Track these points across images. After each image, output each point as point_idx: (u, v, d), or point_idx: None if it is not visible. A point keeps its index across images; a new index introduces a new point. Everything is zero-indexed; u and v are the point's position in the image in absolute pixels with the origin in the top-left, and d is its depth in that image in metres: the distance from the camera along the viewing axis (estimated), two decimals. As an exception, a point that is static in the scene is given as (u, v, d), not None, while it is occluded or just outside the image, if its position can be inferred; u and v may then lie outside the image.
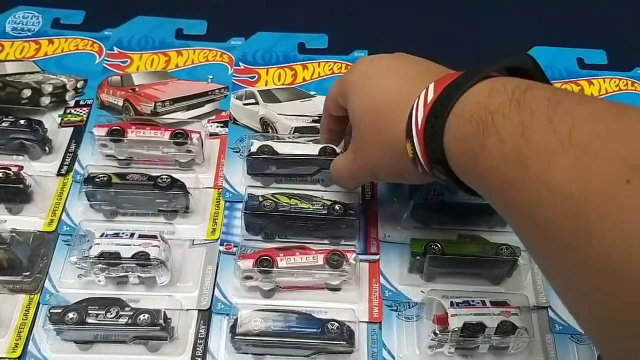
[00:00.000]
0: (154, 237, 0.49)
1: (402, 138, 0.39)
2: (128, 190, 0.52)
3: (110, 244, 0.49)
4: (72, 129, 0.58)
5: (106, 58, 0.63)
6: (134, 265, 0.48)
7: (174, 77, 0.62)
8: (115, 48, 0.64)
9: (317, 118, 0.57)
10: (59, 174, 0.55)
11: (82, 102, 0.60)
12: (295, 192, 0.53)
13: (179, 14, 0.67)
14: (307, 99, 0.59)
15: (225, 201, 0.54)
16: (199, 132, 0.55)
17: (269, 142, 0.54)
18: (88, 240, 0.50)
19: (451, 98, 0.35)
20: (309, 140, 0.56)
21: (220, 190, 0.55)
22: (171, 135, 0.55)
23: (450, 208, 0.52)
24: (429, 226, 0.53)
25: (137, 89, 0.60)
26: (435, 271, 0.50)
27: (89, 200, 0.52)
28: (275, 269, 0.48)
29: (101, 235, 0.49)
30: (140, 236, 0.49)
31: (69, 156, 0.57)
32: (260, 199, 0.51)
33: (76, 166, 0.56)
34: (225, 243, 0.52)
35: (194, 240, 0.52)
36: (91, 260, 0.47)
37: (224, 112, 0.60)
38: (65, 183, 0.55)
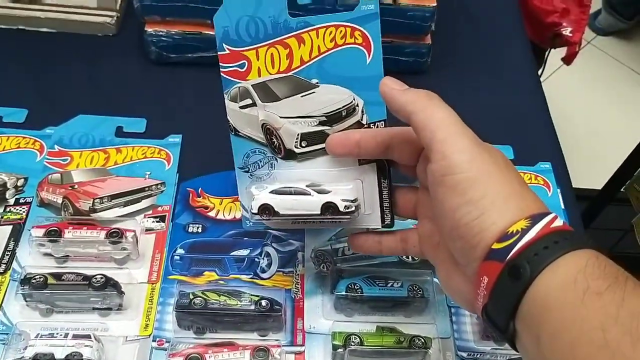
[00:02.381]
0: (87, 336, 0.52)
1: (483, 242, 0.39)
2: (64, 290, 0.54)
3: (45, 345, 0.51)
4: (11, 227, 0.61)
5: (47, 156, 0.66)
6: (67, 366, 0.50)
7: (112, 174, 0.65)
8: (56, 146, 0.67)
9: (324, 119, 0.50)
10: (-4, 272, 0.57)
11: (22, 200, 0.63)
12: (224, 288, 0.56)
13: (120, 112, 0.70)
14: (309, 92, 0.50)
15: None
16: (133, 230, 0.58)
17: (269, 198, 0.51)
18: (23, 339, 0.52)
19: (560, 248, 0.35)
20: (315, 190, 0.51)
21: (154, 284, 0.58)
22: (107, 234, 0.58)
23: (369, 300, 0.56)
24: (351, 317, 0.57)
25: (76, 186, 0.63)
26: (356, 362, 0.54)
27: (25, 301, 0.54)
28: (203, 367, 0.50)
29: (36, 336, 0.51)
30: (74, 336, 0.52)
31: (7, 254, 0.59)
32: (191, 296, 0.55)
33: (14, 264, 0.58)
34: (157, 339, 0.54)
35: (127, 336, 0.54)
36: (25, 362, 0.49)
37: (160, 207, 0.64)
38: (3, 282, 0.57)
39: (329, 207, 0.50)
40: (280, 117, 0.50)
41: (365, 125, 0.50)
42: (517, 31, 0.88)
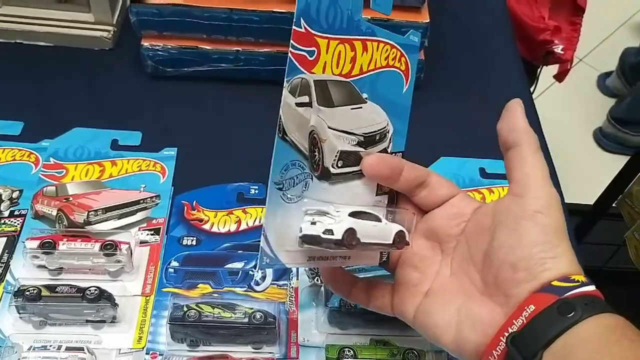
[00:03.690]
0: (80, 349, 0.52)
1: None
2: (57, 302, 0.54)
3: (38, 357, 0.51)
4: (5, 239, 0.61)
5: (42, 169, 0.66)
6: (59, 378, 0.50)
7: (107, 187, 0.66)
8: (51, 159, 0.67)
9: (362, 139, 0.48)
10: (-11, 284, 0.57)
11: (16, 212, 0.63)
12: (218, 301, 0.56)
13: (115, 125, 0.71)
14: (358, 106, 0.48)
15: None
16: (128, 243, 0.59)
17: (352, 222, 0.45)
18: (16, 352, 0.52)
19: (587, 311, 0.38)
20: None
21: (148, 297, 0.58)
22: (101, 246, 0.58)
23: (362, 314, 0.56)
24: (345, 330, 0.57)
25: (71, 199, 0.63)
26: (349, 375, 0.54)
27: (18, 313, 0.54)
28: (196, 379, 0.50)
29: (29, 349, 0.51)
30: (67, 349, 0.51)
31: (1, 266, 0.59)
32: (185, 308, 0.55)
33: (8, 277, 0.58)
34: (151, 352, 0.54)
35: (120, 349, 0.54)
36: (17, 375, 0.49)
37: (154, 220, 0.64)
38: (-4, 294, 0.57)
39: (400, 236, 0.47)
40: (328, 127, 0.47)
41: (390, 154, 0.48)
42: (509, 48, 0.89)
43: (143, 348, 0.55)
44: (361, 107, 0.48)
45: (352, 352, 0.53)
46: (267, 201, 0.44)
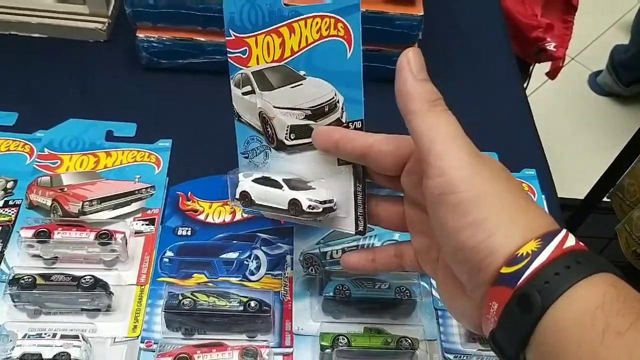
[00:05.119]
0: (76, 337, 0.52)
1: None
2: (52, 291, 0.54)
3: (33, 345, 0.51)
4: (-1, 228, 0.61)
5: (37, 159, 0.66)
6: (54, 366, 0.50)
7: (102, 178, 0.66)
8: (46, 149, 0.67)
9: (309, 112, 0.50)
10: (-16, 274, 0.57)
11: (10, 202, 0.63)
12: (213, 290, 0.57)
13: (109, 116, 0.71)
14: (297, 83, 0.51)
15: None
16: (123, 232, 0.59)
17: (249, 186, 0.53)
18: (11, 340, 0.52)
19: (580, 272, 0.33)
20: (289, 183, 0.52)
21: (143, 287, 0.58)
22: (96, 235, 0.58)
23: (357, 302, 0.57)
24: (339, 319, 0.58)
25: (65, 189, 0.64)
26: (344, 363, 0.54)
27: (13, 302, 0.54)
28: (192, 367, 0.51)
29: (24, 337, 0.51)
30: (62, 337, 0.52)
31: (-5, 256, 0.59)
32: (180, 297, 0.55)
33: (2, 266, 0.58)
34: (145, 340, 0.54)
35: (115, 337, 0.55)
36: (12, 362, 0.49)
37: (149, 211, 0.64)
38: (-10, 283, 0.57)
39: (294, 205, 0.50)
40: (274, 107, 0.52)
41: (344, 124, 0.49)
42: (502, 41, 0.89)
43: (138, 337, 0.55)
44: (301, 84, 0.50)
45: (346, 340, 0.54)
46: (239, 166, 0.55)
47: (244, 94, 0.53)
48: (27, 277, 0.54)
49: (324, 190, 0.51)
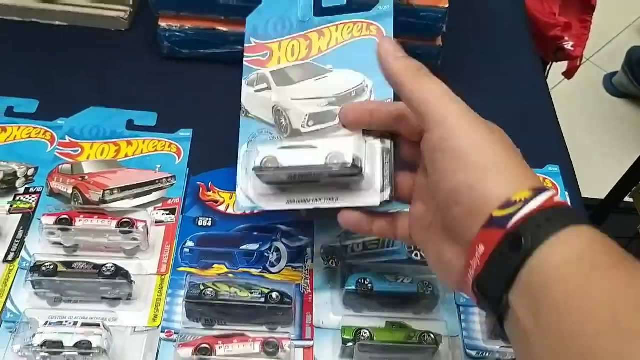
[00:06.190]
0: (97, 325, 0.51)
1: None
2: (73, 278, 0.54)
3: (54, 332, 0.50)
4: (20, 215, 0.60)
5: (58, 147, 0.66)
6: (75, 353, 0.49)
7: (123, 166, 0.65)
8: (67, 137, 0.67)
9: (333, 99, 0.51)
10: (5, 260, 0.57)
11: (32, 190, 0.62)
12: (235, 281, 0.56)
13: (130, 106, 0.70)
14: (322, 76, 0.52)
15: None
16: (144, 221, 0.58)
17: (272, 153, 0.48)
18: (31, 328, 0.52)
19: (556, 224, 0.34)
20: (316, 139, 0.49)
21: (164, 276, 0.58)
22: (118, 224, 0.57)
23: (379, 296, 0.56)
24: (360, 313, 0.57)
25: (86, 177, 0.63)
26: (365, 357, 0.53)
27: (34, 289, 0.54)
28: (213, 357, 0.50)
29: (45, 324, 0.51)
30: (83, 324, 0.51)
31: (17, 243, 0.58)
32: (202, 287, 0.54)
33: (23, 253, 0.58)
34: (166, 330, 0.54)
35: (135, 327, 0.54)
36: (34, 348, 0.49)
37: (170, 200, 0.64)
38: (12, 270, 0.56)
39: (335, 157, 0.46)
40: (292, 99, 0.51)
41: None
42: (524, 35, 0.89)
43: (158, 326, 0.54)
44: (326, 76, 0.52)
45: (368, 333, 0.53)
46: (238, 163, 0.52)
47: (257, 90, 0.53)
48: (48, 264, 0.54)
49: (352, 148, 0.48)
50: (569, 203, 0.67)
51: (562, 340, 0.31)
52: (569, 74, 1.49)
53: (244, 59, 0.53)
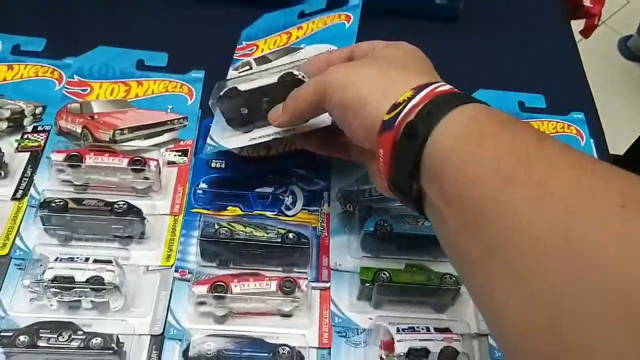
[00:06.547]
0: (109, 262, 0.50)
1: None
2: (84, 215, 0.52)
3: (65, 268, 0.49)
4: (28, 154, 0.59)
5: (66, 86, 0.64)
6: (87, 289, 0.48)
7: (133, 107, 0.63)
8: (75, 76, 0.65)
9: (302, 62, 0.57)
10: (13, 198, 0.56)
11: (40, 128, 0.61)
12: (251, 220, 0.54)
13: (140, 45, 0.68)
14: (295, 52, 0.60)
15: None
16: (157, 160, 0.57)
17: (233, 84, 0.53)
18: (41, 264, 0.50)
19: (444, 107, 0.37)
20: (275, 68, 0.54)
21: (177, 217, 0.56)
22: (129, 162, 0.56)
23: (398, 238, 0.54)
24: (378, 255, 0.55)
25: (96, 117, 0.61)
26: (383, 299, 0.52)
27: (44, 225, 0.52)
28: (229, 295, 0.49)
29: (55, 259, 0.50)
30: (95, 261, 0.50)
31: (25, 181, 0.57)
32: (216, 226, 0.53)
33: (32, 191, 0.56)
34: (179, 269, 0.53)
35: (148, 266, 0.53)
36: (45, 283, 0.48)
37: (182, 142, 0.62)
38: (20, 207, 0.55)
39: (286, 74, 0.51)
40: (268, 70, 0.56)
41: None
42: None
43: (172, 266, 0.53)
44: (299, 52, 0.60)
45: (387, 275, 0.52)
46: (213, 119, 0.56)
47: (241, 72, 0.60)
48: (58, 200, 0.52)
49: None
50: (595, 151, 0.65)
51: (462, 203, 0.34)
52: (586, 32, 1.45)
53: (234, 55, 0.62)
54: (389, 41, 0.48)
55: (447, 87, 0.39)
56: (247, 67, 0.60)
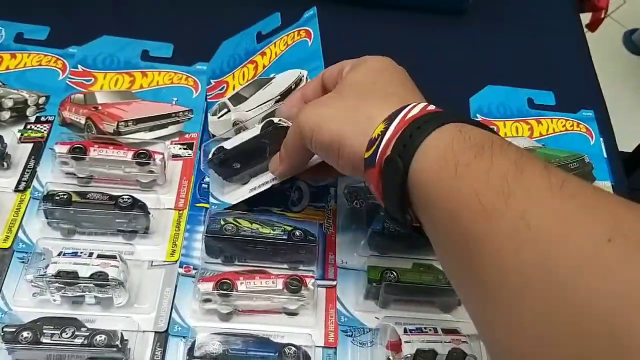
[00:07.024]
0: (113, 257, 0.49)
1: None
2: (88, 209, 0.51)
3: (68, 262, 0.48)
4: (32, 145, 0.58)
5: (70, 75, 0.63)
6: (91, 285, 0.47)
7: (138, 98, 0.62)
8: (79, 66, 0.64)
9: (278, 97, 0.58)
10: (16, 190, 0.55)
11: (43, 119, 0.60)
12: (257, 217, 0.54)
13: (145, 36, 0.67)
14: (267, 85, 0.60)
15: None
16: (162, 153, 0.56)
17: (219, 145, 0.54)
18: (44, 258, 0.50)
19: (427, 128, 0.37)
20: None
21: (181, 211, 0.55)
22: (134, 155, 0.55)
23: (405, 237, 0.54)
24: (385, 254, 0.55)
25: (100, 108, 0.60)
26: (390, 298, 0.51)
27: (47, 218, 0.52)
28: (234, 293, 0.48)
29: (59, 254, 0.49)
30: (99, 256, 0.49)
31: (28, 172, 0.56)
32: (222, 222, 0.52)
33: (34, 183, 0.55)
34: (184, 265, 0.52)
35: (152, 261, 0.52)
36: (48, 278, 0.47)
37: (187, 135, 0.61)
38: (23, 199, 0.54)
39: (267, 124, 0.52)
40: (247, 111, 0.58)
41: None
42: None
43: (176, 261, 0.52)
44: (271, 83, 0.59)
45: (394, 274, 0.51)
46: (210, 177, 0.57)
47: (219, 117, 0.60)
48: (62, 193, 0.52)
49: None
50: (604, 149, 0.64)
51: (448, 236, 0.35)
52: (592, 26, 1.44)
53: (207, 97, 0.62)
54: (355, 59, 0.48)
55: (418, 108, 0.39)
56: (225, 110, 0.60)
